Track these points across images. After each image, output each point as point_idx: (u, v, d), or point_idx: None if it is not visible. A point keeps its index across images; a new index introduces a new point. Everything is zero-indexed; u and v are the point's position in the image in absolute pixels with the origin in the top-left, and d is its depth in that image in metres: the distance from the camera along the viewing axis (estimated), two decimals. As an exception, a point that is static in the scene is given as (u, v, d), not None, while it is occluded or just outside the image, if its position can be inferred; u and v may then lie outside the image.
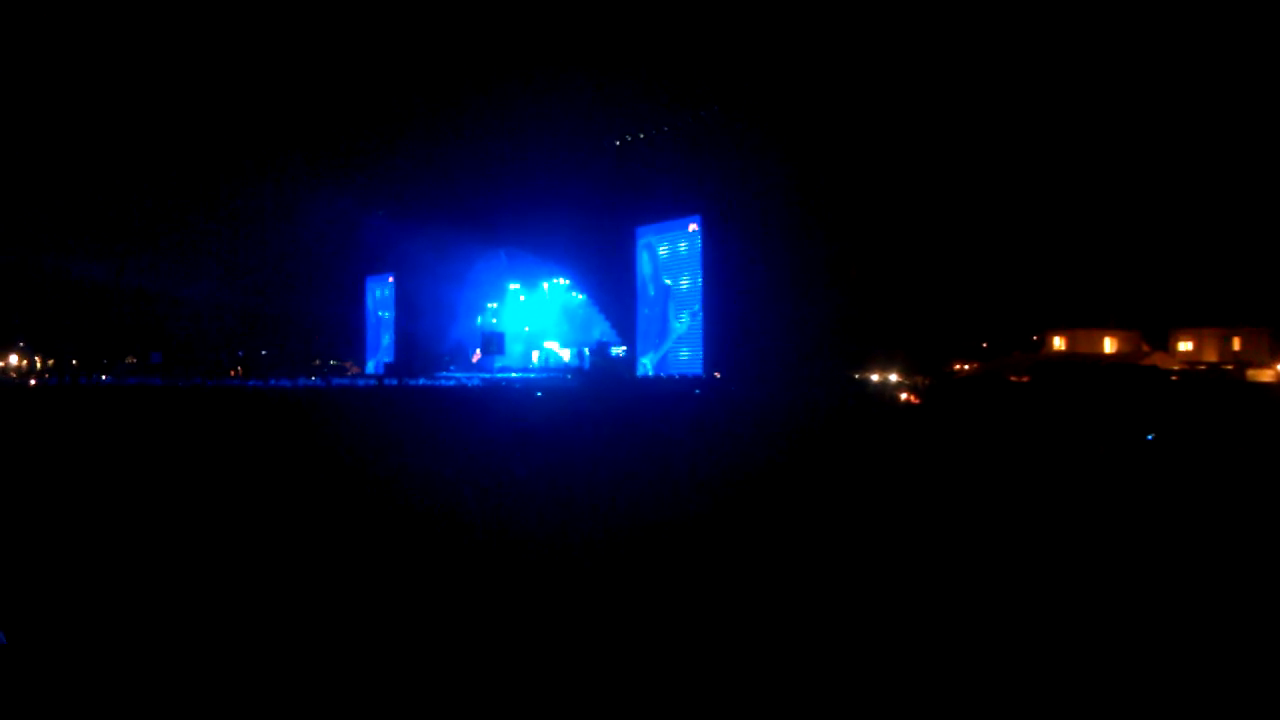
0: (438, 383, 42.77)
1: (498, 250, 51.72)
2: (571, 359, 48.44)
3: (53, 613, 6.64)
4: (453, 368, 51.80)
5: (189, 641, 5.97)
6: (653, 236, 40.57)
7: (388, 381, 42.50)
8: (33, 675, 5.43)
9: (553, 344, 51.50)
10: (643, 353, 40.98)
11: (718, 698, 5.14)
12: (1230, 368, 36.29)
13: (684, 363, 38.59)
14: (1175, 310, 40.35)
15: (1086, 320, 42.43)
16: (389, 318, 57.68)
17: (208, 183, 54.67)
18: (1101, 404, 20.81)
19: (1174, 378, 29.84)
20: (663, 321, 39.89)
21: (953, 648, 5.88)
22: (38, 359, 67.08)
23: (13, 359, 65.39)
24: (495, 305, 55.27)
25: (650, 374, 40.14)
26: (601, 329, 45.97)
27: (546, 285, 52.49)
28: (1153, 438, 16.34)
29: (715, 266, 37.65)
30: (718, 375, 36.22)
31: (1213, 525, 9.45)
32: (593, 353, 44.62)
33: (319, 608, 6.74)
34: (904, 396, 29.96)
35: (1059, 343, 43.34)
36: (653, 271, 40.51)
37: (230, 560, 8.05)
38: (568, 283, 50.30)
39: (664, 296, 39.84)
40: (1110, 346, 42.75)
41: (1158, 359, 39.15)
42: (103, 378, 53.87)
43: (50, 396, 36.81)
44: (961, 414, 24.08)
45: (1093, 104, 35.27)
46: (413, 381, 41.86)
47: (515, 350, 52.98)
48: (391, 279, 57.50)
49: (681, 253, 39.30)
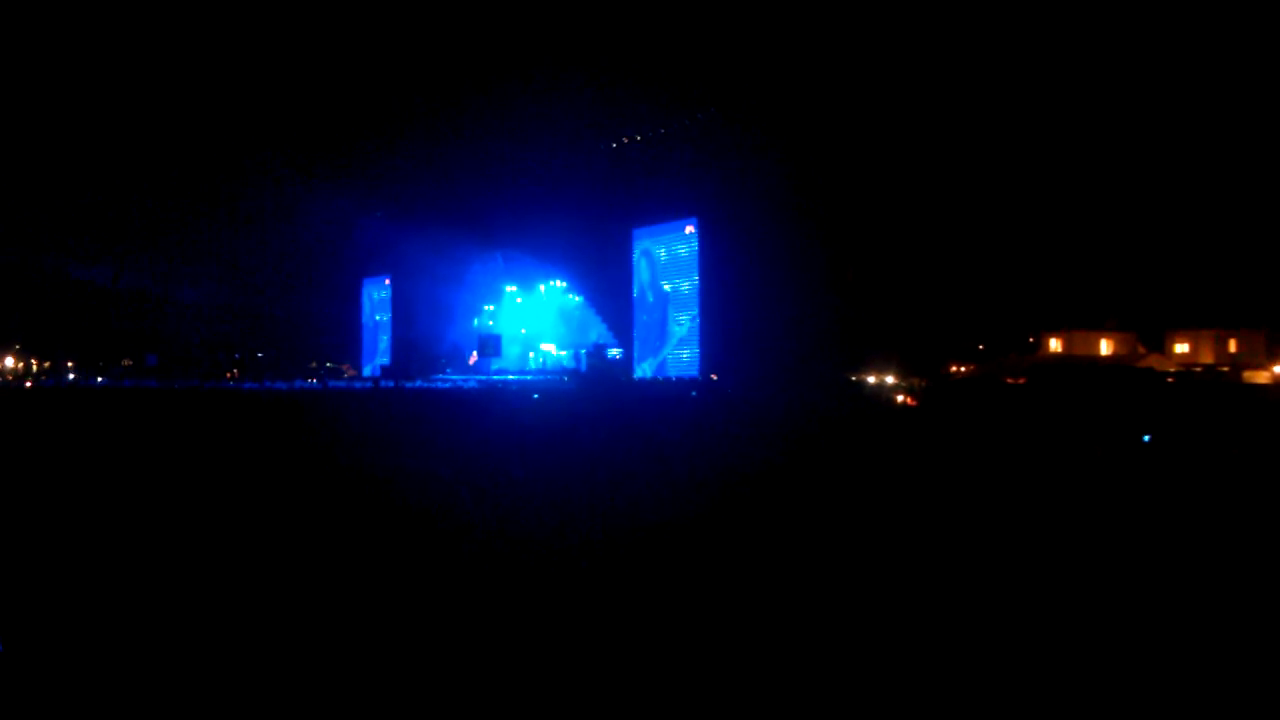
0: (434, 385, 42.77)
1: (494, 252, 51.71)
2: (568, 361, 48.43)
3: (48, 616, 6.62)
4: (449, 370, 51.79)
5: (184, 645, 5.95)
6: (649, 241, 40.54)
7: (384, 384, 42.46)
8: (29, 679, 5.42)
9: (549, 346, 51.50)
10: (641, 357, 40.95)
11: (716, 699, 5.14)
12: (1226, 369, 36.33)
13: (684, 364, 38.58)
14: (1171, 312, 40.37)
15: (1082, 322, 42.46)
16: (385, 320, 57.67)
17: (205, 184, 54.64)
18: (1098, 406, 20.81)
19: (1170, 379, 29.86)
20: (661, 328, 39.86)
21: (950, 649, 5.88)
22: (34, 361, 66.98)
23: (9, 361, 65.29)
24: (492, 307, 55.25)
25: (650, 375, 40.13)
26: (598, 331, 45.97)
27: (543, 287, 52.48)
28: (1149, 439, 16.35)
29: (712, 269, 37.66)
30: (714, 378, 36.22)
31: (1209, 527, 9.46)
32: (589, 355, 44.62)
33: (315, 611, 6.73)
34: (900, 398, 29.97)
35: (1055, 344, 43.35)
36: (651, 279, 40.49)
37: (226, 564, 8.04)
38: (564, 285, 50.29)
39: (663, 303, 39.83)
40: (1106, 348, 42.78)
41: (1154, 361, 39.18)
42: (98, 379, 53.83)
43: (46, 398, 36.76)
44: (958, 416, 24.09)
45: (1089, 107, 35.31)
46: (409, 384, 41.84)
47: (512, 352, 52.96)
48: (388, 281, 57.48)
49: (680, 255, 39.28)
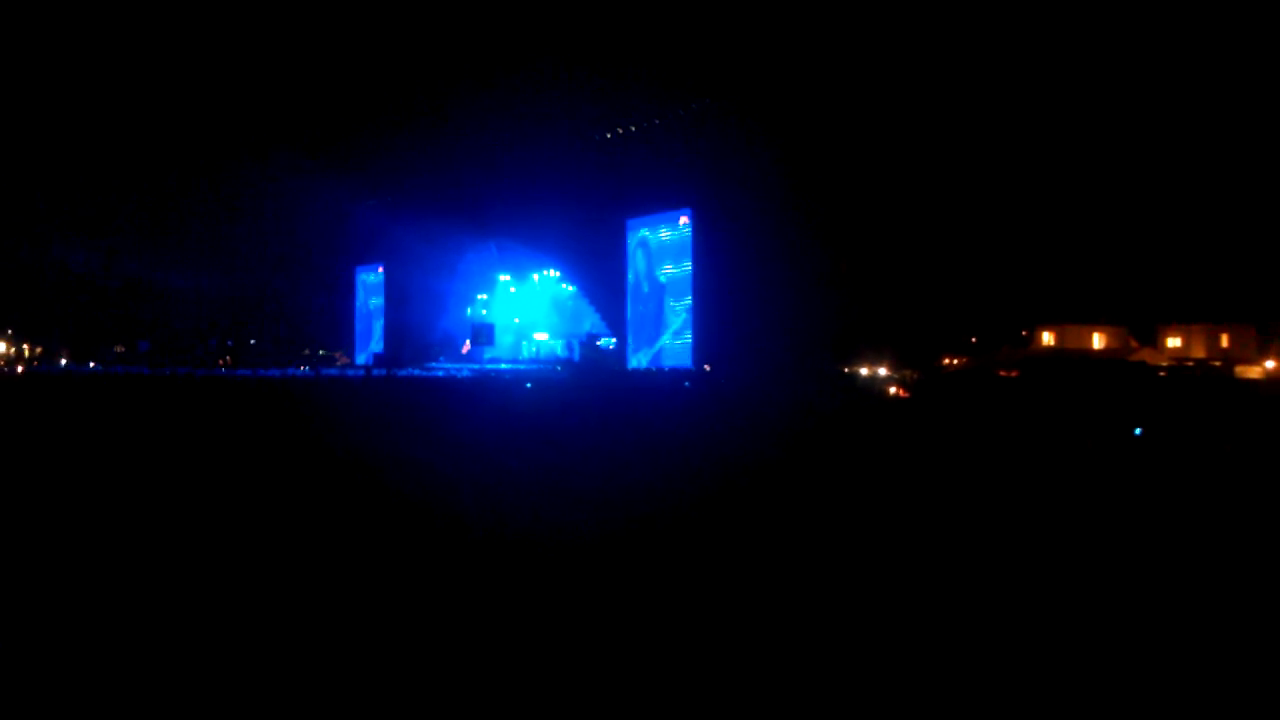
0: (427, 373, 42.71)
1: (488, 241, 51.58)
2: (561, 350, 48.41)
3: (39, 595, 6.60)
4: (442, 358, 51.73)
5: (173, 629, 5.93)
6: (646, 230, 40.47)
7: (376, 372, 42.39)
8: (17, 662, 5.40)
9: (543, 335, 51.48)
10: (637, 347, 40.90)
11: (708, 690, 5.13)
12: (1218, 364, 36.38)
13: (680, 353, 38.55)
14: (1164, 306, 40.40)
15: (1075, 316, 42.47)
16: (380, 305, 57.60)
17: (198, 172, 54.56)
18: (1090, 399, 20.85)
19: (1162, 373, 29.91)
20: (658, 316, 39.78)
21: (941, 640, 5.87)
22: (25, 347, 66.77)
23: (1, 347, 65.09)
24: (485, 296, 55.17)
25: (647, 364, 40.10)
26: (591, 321, 45.93)
27: (537, 277, 52.43)
28: (1140, 433, 16.38)
29: (706, 260, 37.61)
30: (707, 368, 36.21)
31: (1200, 519, 9.47)
32: (582, 345, 44.59)
33: (306, 598, 6.71)
34: (893, 391, 29.99)
35: (1048, 338, 43.39)
36: (647, 269, 40.41)
37: (218, 550, 8.02)
38: (558, 274, 50.23)
39: (659, 292, 39.76)
40: (1099, 342, 42.80)
41: (1146, 355, 39.21)
42: (91, 366, 53.68)
43: (38, 384, 36.66)
44: (950, 408, 24.11)
45: (1084, 101, 35.30)
46: (401, 372, 41.78)
47: (505, 341, 52.93)
48: (381, 269, 57.37)
49: (676, 241, 39.22)
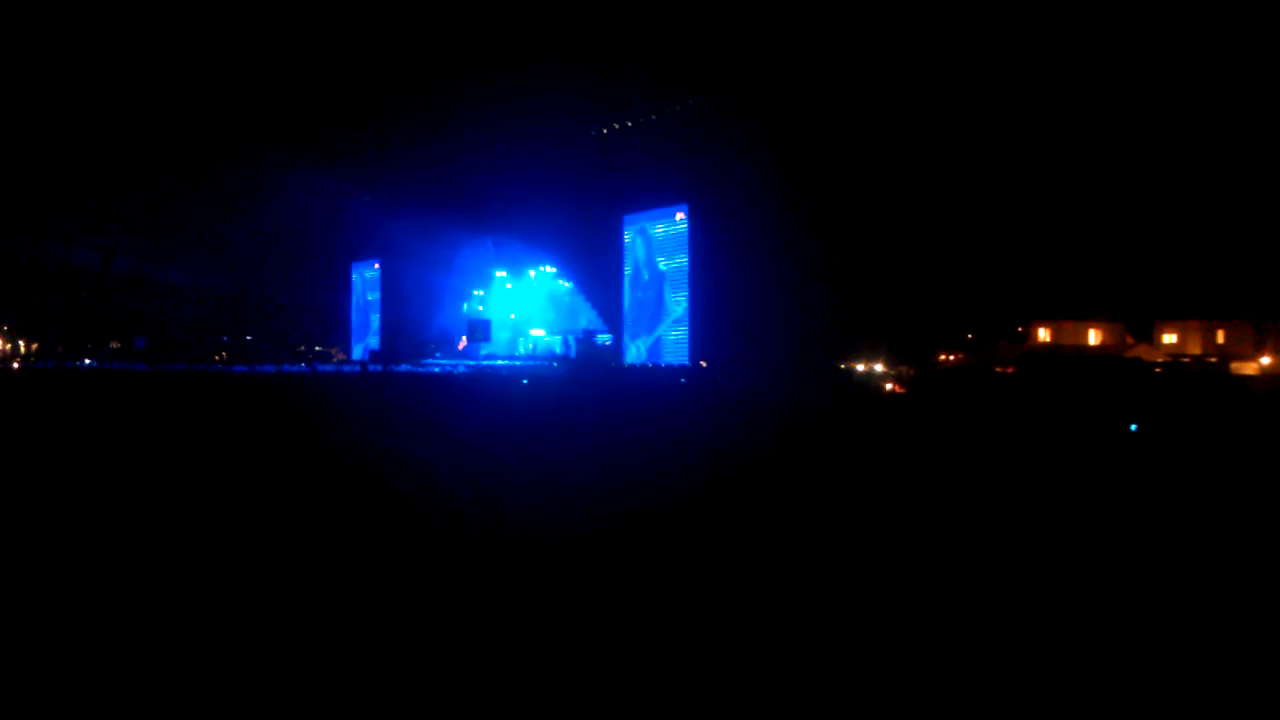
0: (423, 369, 42.70)
1: (485, 237, 51.56)
2: (557, 347, 48.41)
3: (34, 588, 6.59)
4: (438, 354, 51.71)
5: (169, 626, 5.93)
6: (646, 223, 40.42)
7: (372, 368, 42.36)
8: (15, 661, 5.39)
9: (539, 331, 51.48)
10: (635, 336, 40.87)
11: (703, 684, 5.13)
12: (1214, 360, 36.42)
13: (676, 348, 38.53)
14: (1160, 303, 40.47)
15: (1072, 312, 42.52)
16: (376, 299, 57.57)
17: (194, 168, 54.42)
18: (1086, 395, 20.85)
19: (1158, 370, 29.93)
20: (657, 306, 39.69)
21: (937, 634, 5.88)
22: (22, 343, 66.67)
23: (-3, 343, 65.09)
24: (481, 292, 55.14)
25: (640, 360, 40.09)
26: (588, 317, 45.91)
27: (533, 273, 52.40)
28: (1136, 428, 16.39)
29: (702, 256, 37.60)
30: (703, 364, 36.22)
31: (1194, 514, 9.48)
32: (578, 341, 44.58)
33: (301, 594, 6.70)
34: (889, 386, 30.00)
35: (1044, 334, 43.44)
36: (647, 256, 40.34)
37: (214, 544, 8.01)
38: (554, 270, 50.21)
39: (658, 280, 39.71)
40: (1095, 338, 42.86)
41: (1142, 351, 39.26)
42: (87, 362, 53.61)
43: (35, 380, 36.61)
44: (946, 404, 24.12)
45: (1081, 97, 35.31)
46: (397, 368, 41.75)
47: (501, 337, 52.92)
48: (378, 265, 57.33)
49: (669, 239, 39.21)
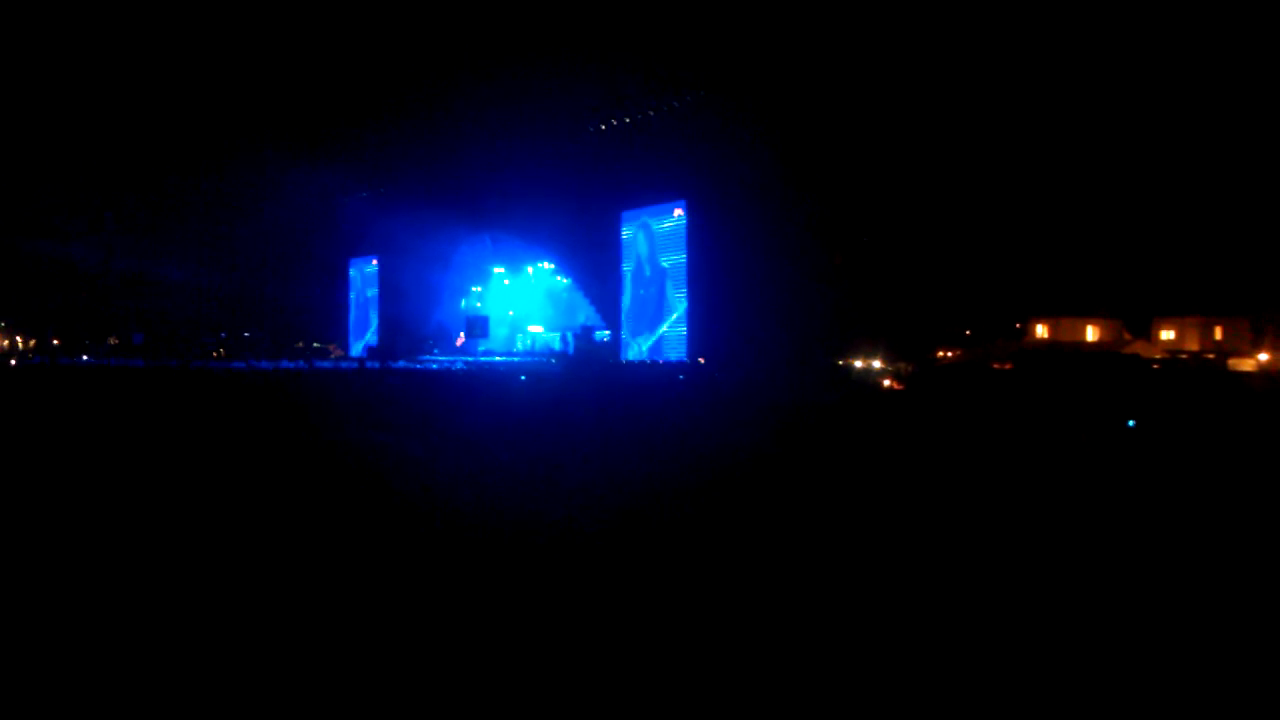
0: (421, 366, 42.68)
1: (483, 234, 51.53)
2: (555, 343, 48.39)
3: (34, 586, 6.58)
4: (436, 351, 51.70)
5: (165, 624, 5.92)
6: (648, 215, 40.38)
7: (369, 364, 42.35)
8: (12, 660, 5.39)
9: (537, 328, 51.46)
10: (637, 333, 40.85)
11: (703, 682, 5.13)
12: (1212, 356, 36.45)
13: (675, 344, 38.52)
14: (1158, 299, 40.48)
15: (1069, 308, 42.52)
16: (373, 297, 57.55)
17: (192, 164, 54.41)
18: (1083, 391, 20.87)
19: (1155, 366, 29.97)
20: (659, 302, 39.66)
21: (937, 634, 5.88)
22: (19, 339, 66.61)
23: (-5, 339, 65.02)
24: (479, 289, 55.13)
25: (642, 356, 40.09)
26: (586, 313, 45.90)
27: (531, 269, 52.37)
28: (1134, 424, 16.41)
29: (700, 252, 37.59)
30: (702, 361, 36.22)
31: (1193, 511, 9.49)
32: (577, 337, 44.57)
33: (298, 592, 6.70)
34: (888, 383, 30.01)
35: (1042, 330, 43.44)
36: (650, 252, 40.30)
37: (211, 543, 8.00)
38: (552, 267, 50.19)
39: (660, 277, 39.68)
40: (1093, 334, 42.87)
41: (1140, 347, 39.29)
42: (84, 358, 53.56)
43: (32, 376, 36.57)
44: (945, 400, 24.14)
45: (1078, 93, 35.30)
46: (395, 364, 41.74)
47: (499, 334, 52.91)
48: (375, 261, 57.29)
49: (668, 236, 39.20)
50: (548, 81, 40.80)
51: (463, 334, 53.37)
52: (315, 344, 63.22)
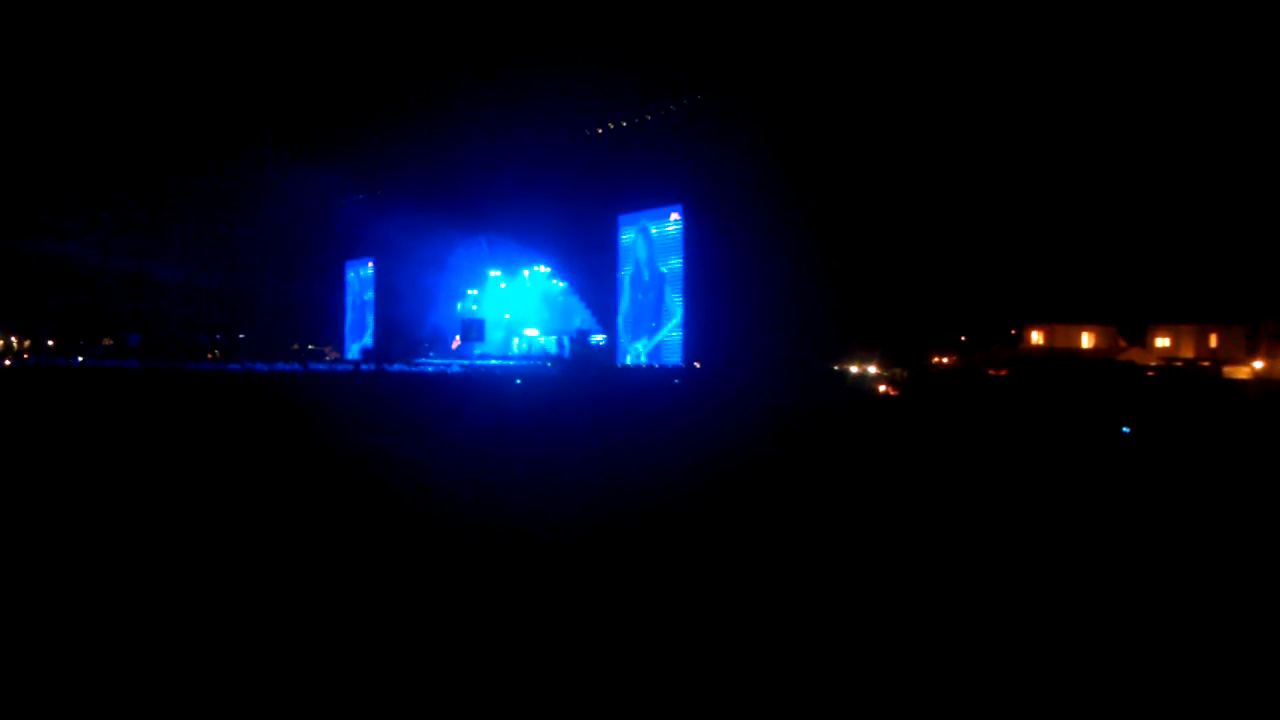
0: (417, 368, 42.65)
1: (479, 237, 51.52)
2: (551, 347, 48.38)
3: (24, 587, 6.57)
4: (432, 354, 51.67)
5: (162, 626, 5.91)
6: (647, 222, 40.35)
7: (365, 367, 42.31)
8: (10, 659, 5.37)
9: (533, 331, 51.46)
10: (635, 338, 40.81)
11: (700, 685, 5.12)
12: (1207, 364, 36.48)
13: (671, 349, 38.47)
14: (1153, 306, 40.51)
15: (1064, 315, 42.55)
16: (369, 299, 57.49)
17: (188, 165, 54.35)
18: (1078, 397, 20.90)
19: (1150, 373, 30.01)
20: (657, 307, 39.59)
21: (931, 638, 5.88)
22: (14, 339, 66.51)
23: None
24: (475, 292, 55.11)
25: (640, 361, 40.05)
26: (582, 317, 45.89)
27: (527, 273, 52.37)
28: (1128, 431, 16.43)
29: (696, 256, 37.58)
30: (697, 365, 36.22)
31: (1187, 516, 9.50)
32: (573, 341, 44.55)
33: (294, 594, 6.69)
34: (883, 388, 30.02)
35: (1037, 337, 43.46)
36: (648, 256, 40.26)
37: (207, 543, 7.99)
38: (548, 270, 50.18)
39: (659, 282, 39.65)
40: (1088, 341, 42.88)
41: (1135, 354, 39.31)
42: (79, 359, 53.47)
43: (28, 377, 36.51)
44: (940, 406, 24.16)
45: (1075, 100, 35.36)
46: (391, 367, 41.70)
47: (495, 337, 52.88)
48: (371, 264, 57.24)
49: (665, 240, 39.19)
50: (545, 84, 40.81)
51: (459, 337, 53.33)
52: (310, 346, 63.14)
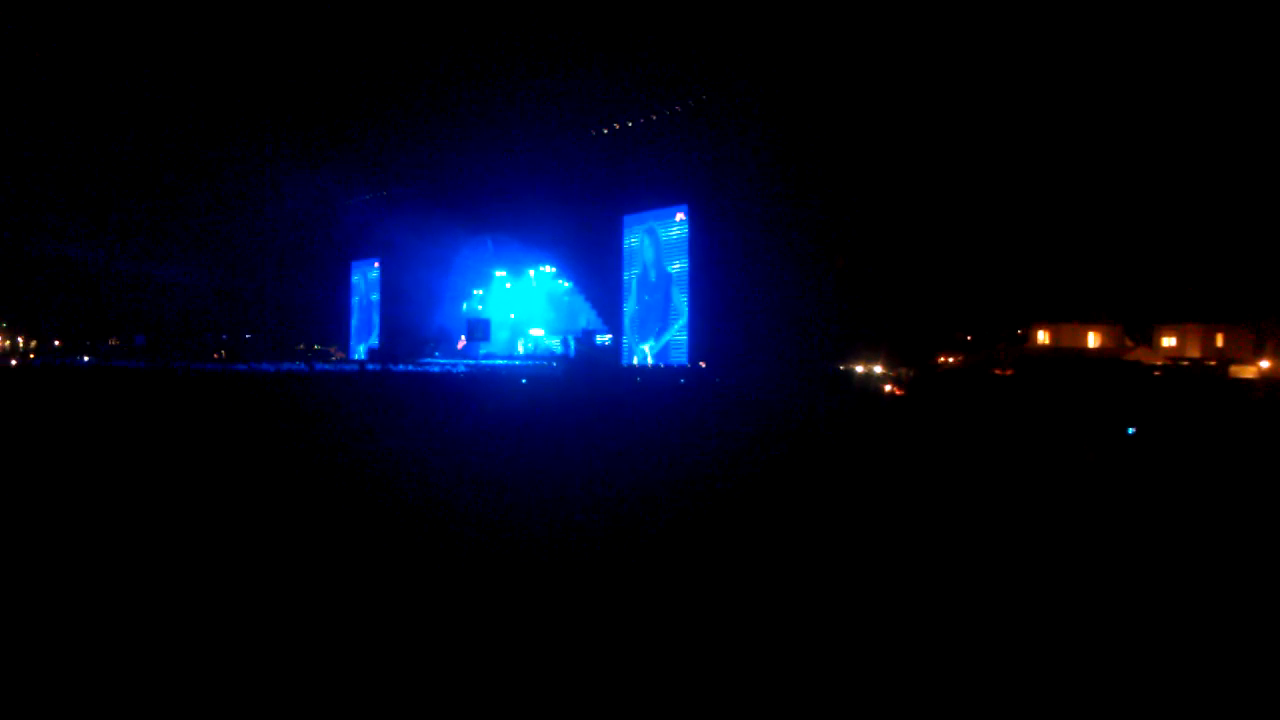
0: (422, 368, 42.68)
1: (484, 237, 51.57)
2: (557, 347, 48.39)
3: (28, 587, 6.57)
4: (437, 354, 51.71)
5: (163, 628, 5.91)
6: (654, 222, 40.35)
7: (370, 367, 42.35)
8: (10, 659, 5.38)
9: (538, 331, 51.48)
10: (643, 339, 40.80)
11: (705, 688, 5.11)
12: (1213, 364, 36.40)
13: (677, 349, 38.47)
14: (1160, 306, 40.47)
15: (1071, 314, 42.51)
16: (375, 300, 57.56)
17: (194, 165, 54.43)
18: (1084, 398, 20.85)
19: (1157, 373, 29.94)
20: (665, 308, 39.58)
21: (935, 636, 5.86)
22: (20, 339, 66.67)
23: (-4, 339, 65.08)
24: (480, 292, 55.14)
25: (647, 361, 40.04)
26: (587, 317, 45.90)
27: (532, 272, 52.39)
28: (1134, 432, 16.39)
29: (702, 256, 37.56)
30: (703, 365, 36.21)
31: (1193, 518, 9.47)
32: (578, 341, 44.56)
33: (297, 596, 6.69)
34: (888, 388, 29.98)
35: (1043, 336, 43.41)
36: (654, 256, 40.26)
37: (211, 546, 7.99)
38: (554, 270, 50.21)
39: (666, 282, 39.64)
40: (1094, 341, 42.83)
41: (1141, 354, 39.24)
42: (85, 359, 53.57)
43: (35, 377, 36.58)
44: (945, 406, 24.12)
45: (1081, 99, 35.31)
46: (396, 367, 41.73)
47: (500, 337, 52.92)
48: (377, 264, 57.32)
49: (671, 241, 39.19)
50: (550, 85, 40.84)
51: (464, 337, 53.36)
52: (316, 346, 63.23)
